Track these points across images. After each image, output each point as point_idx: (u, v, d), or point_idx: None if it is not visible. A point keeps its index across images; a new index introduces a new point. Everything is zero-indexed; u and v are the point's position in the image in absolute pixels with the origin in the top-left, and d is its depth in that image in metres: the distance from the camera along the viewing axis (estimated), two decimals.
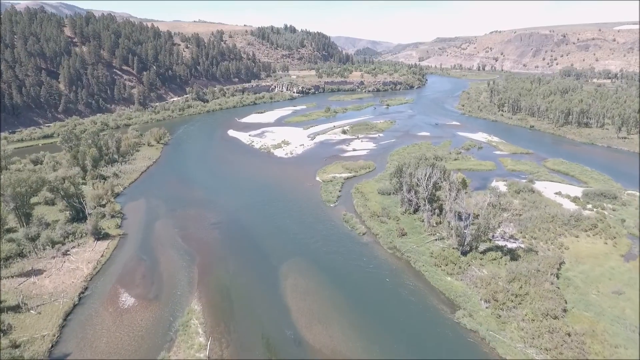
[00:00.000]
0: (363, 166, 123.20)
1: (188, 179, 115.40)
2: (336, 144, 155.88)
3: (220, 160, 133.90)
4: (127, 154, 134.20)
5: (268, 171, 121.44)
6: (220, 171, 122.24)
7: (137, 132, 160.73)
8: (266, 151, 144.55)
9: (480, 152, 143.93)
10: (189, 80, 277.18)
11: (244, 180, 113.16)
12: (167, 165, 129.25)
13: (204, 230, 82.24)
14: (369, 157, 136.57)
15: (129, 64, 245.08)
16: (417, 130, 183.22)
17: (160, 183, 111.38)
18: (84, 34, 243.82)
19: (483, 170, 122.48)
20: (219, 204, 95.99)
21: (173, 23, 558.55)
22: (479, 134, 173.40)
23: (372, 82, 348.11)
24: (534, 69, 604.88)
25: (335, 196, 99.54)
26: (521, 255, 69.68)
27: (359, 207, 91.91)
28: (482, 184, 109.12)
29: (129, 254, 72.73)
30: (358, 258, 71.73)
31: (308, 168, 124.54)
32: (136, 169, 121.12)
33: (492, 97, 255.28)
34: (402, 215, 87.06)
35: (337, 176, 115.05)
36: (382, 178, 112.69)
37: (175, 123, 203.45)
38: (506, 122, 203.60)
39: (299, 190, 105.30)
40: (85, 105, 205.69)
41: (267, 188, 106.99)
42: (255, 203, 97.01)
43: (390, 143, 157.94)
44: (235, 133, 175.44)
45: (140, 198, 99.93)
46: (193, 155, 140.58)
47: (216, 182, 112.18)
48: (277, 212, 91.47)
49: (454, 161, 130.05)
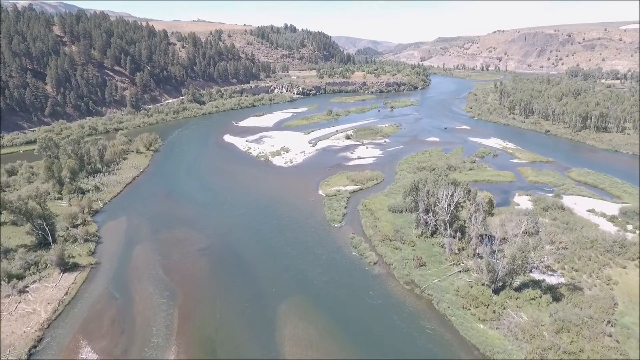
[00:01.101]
0: (370, 177, 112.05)
1: (177, 192, 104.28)
2: (340, 151, 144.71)
3: (214, 170, 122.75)
4: (113, 162, 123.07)
5: (266, 183, 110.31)
6: (213, 183, 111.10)
7: (125, 138, 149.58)
8: (264, 159, 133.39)
9: (496, 161, 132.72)
10: (184, 81, 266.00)
11: (239, 194, 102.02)
12: (155, 175, 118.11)
13: (190, 257, 71.11)
14: (375, 166, 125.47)
15: (121, 65, 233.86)
16: (426, 135, 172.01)
17: (145, 197, 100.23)
18: (74, 32, 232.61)
19: (502, 181, 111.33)
20: (209, 224, 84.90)
21: (172, 23, 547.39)
22: (492, 140, 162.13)
23: (375, 83, 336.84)
24: (539, 69, 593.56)
25: (341, 214, 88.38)
26: (564, 293, 58.49)
27: (368, 229, 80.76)
28: (504, 199, 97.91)
29: (99, 291, 61.60)
30: (369, 295, 60.61)
31: (310, 179, 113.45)
32: (121, 180, 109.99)
33: (501, 99, 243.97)
34: (417, 239, 75.93)
35: (342, 189, 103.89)
36: (392, 192, 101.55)
37: (169, 127, 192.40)
38: (519, 126, 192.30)
39: (300, 207, 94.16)
40: (73, 108, 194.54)
41: (264, 203, 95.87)
42: (250, 222, 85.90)
43: (397, 150, 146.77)
44: (231, 138, 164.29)
45: (121, 216, 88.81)
46: (184, 163, 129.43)
47: (208, 196, 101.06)
48: (274, 234, 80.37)
49: (469, 171, 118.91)
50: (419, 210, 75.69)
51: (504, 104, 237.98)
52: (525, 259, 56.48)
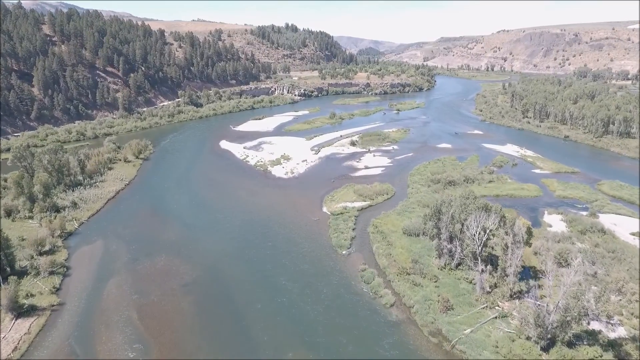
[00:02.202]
0: (379, 191, 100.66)
1: (163, 209, 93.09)
2: (345, 159, 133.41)
3: (207, 182, 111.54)
4: (97, 173, 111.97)
5: (263, 198, 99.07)
6: (204, 198, 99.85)
7: (113, 145, 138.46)
8: (263, 169, 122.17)
9: (516, 171, 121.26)
10: (181, 83, 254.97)
11: (233, 212, 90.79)
12: (141, 188, 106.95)
13: (170, 296, 59.91)
14: (384, 178, 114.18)
15: (114, 65, 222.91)
16: (436, 140, 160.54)
17: (128, 215, 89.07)
18: (65, 32, 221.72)
19: (526, 196, 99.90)
20: (197, 250, 73.72)
21: (171, 22, 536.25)
22: (508, 146, 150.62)
23: (379, 84, 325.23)
24: (545, 69, 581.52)
25: (349, 238, 77.07)
26: (631, 353, 47.14)
27: (381, 257, 69.44)
28: (532, 219, 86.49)
29: (57, 344, 50.50)
30: (386, 348, 49.39)
31: (312, 193, 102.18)
32: (102, 194, 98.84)
33: (513, 102, 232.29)
34: (440, 272, 64.65)
35: (349, 206, 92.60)
36: (406, 209, 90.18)
37: (163, 131, 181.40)
38: (534, 130, 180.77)
39: (302, 227, 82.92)
40: (62, 112, 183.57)
41: (261, 224, 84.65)
42: (244, 248, 74.70)
43: (407, 158, 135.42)
44: (228, 144, 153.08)
45: (97, 239, 77.70)
46: (175, 174, 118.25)
47: (198, 214, 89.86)
48: (272, 264, 69.16)
49: (489, 184, 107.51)
50: (441, 238, 64.38)
51: (516, 106, 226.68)
52: (584, 310, 45.18)
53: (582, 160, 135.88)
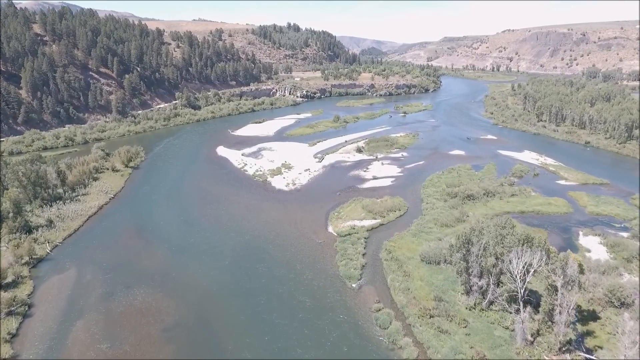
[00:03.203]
0: (391, 207, 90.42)
1: (150, 228, 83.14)
2: (351, 168, 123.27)
3: (200, 195, 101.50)
4: (80, 185, 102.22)
5: (262, 215, 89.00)
6: (196, 214, 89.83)
7: (102, 152, 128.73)
8: (262, 180, 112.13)
9: (539, 182, 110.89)
10: (179, 84, 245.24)
11: (226, 232, 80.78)
12: (128, 202, 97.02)
13: (148, 345, 49.93)
14: (395, 190, 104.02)
15: (108, 66, 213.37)
16: (448, 147, 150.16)
17: (108, 236, 79.18)
18: (56, 31, 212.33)
19: (555, 213, 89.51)
20: (182, 281, 63.73)
21: (171, 22, 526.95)
22: (525, 153, 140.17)
23: (384, 85, 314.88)
24: (552, 69, 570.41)
25: (359, 266, 66.92)
26: None
27: (397, 293, 59.24)
28: (566, 241, 76.31)
29: None
30: None
31: (316, 208, 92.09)
32: (83, 210, 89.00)
33: (525, 104, 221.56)
34: (469, 312, 54.50)
35: (358, 224, 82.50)
36: (422, 229, 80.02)
37: (158, 135, 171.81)
38: (551, 135, 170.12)
39: (304, 252, 72.85)
40: (51, 115, 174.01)
41: (258, 247, 74.62)
42: (238, 279, 64.70)
43: (418, 167, 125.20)
44: (225, 151, 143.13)
45: (70, 266, 67.83)
46: (166, 186, 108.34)
47: (187, 235, 79.85)
48: (269, 299, 59.11)
49: (512, 198, 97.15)
50: (471, 274, 54.20)
51: (529, 108, 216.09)
52: None
53: (608, 169, 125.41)
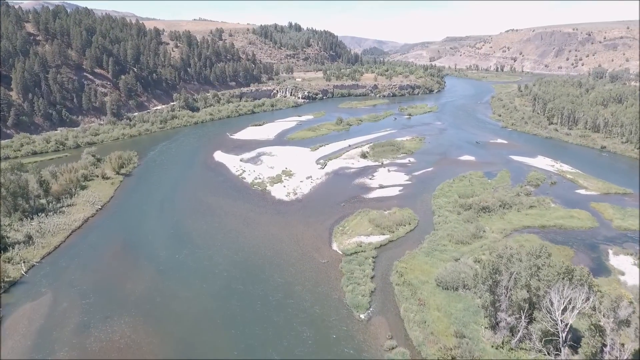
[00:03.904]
0: (400, 220, 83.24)
1: (137, 244, 76.15)
2: (355, 176, 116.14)
3: (194, 206, 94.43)
4: (66, 195, 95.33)
5: (260, 229, 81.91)
6: (188, 229, 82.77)
7: (92, 158, 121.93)
8: (261, 189, 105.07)
9: (557, 191, 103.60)
10: (177, 85, 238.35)
11: (220, 249, 73.72)
12: (116, 214, 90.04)
13: None
14: (404, 200, 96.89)
15: (103, 67, 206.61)
16: (456, 151, 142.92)
17: (91, 254, 72.22)
18: (50, 30, 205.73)
19: (579, 227, 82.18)
20: (169, 310, 56.72)
21: (172, 22, 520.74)
22: (539, 159, 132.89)
23: (387, 86, 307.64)
24: (557, 69, 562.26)
25: (367, 292, 59.74)
26: None
27: (412, 327, 52.05)
28: (595, 261, 69.17)
29: None
30: None
31: (319, 222, 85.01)
32: (67, 224, 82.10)
33: (535, 106, 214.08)
34: (496, 351, 47.36)
35: (364, 241, 75.41)
36: (435, 247, 72.84)
37: (154, 139, 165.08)
38: (564, 139, 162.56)
39: (306, 273, 65.77)
40: (43, 118, 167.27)
41: (255, 267, 67.55)
42: (228, 303, 57.64)
43: (427, 174, 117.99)
44: (222, 156, 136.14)
45: (46, 291, 60.89)
46: (158, 195, 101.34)
47: (177, 253, 72.77)
48: (266, 334, 52.02)
49: (530, 210, 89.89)
50: (499, 308, 47.04)
51: (538, 110, 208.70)
52: None
53: (628, 176, 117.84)
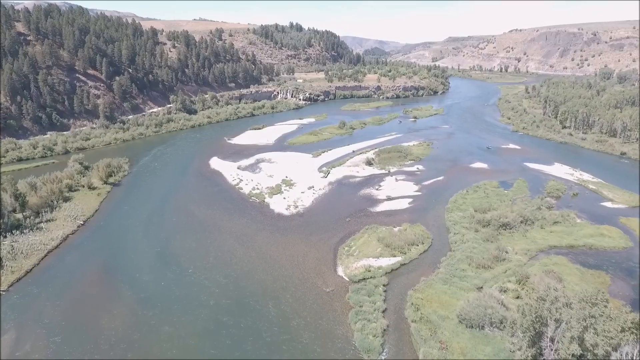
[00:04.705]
0: (412, 239, 75.05)
1: (119, 268, 67.97)
2: (361, 186, 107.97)
3: (184, 222, 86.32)
4: (46, 208, 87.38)
5: (256, 249, 73.74)
6: (176, 249, 74.61)
7: (79, 166, 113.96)
8: (259, 201, 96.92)
9: (581, 204, 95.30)
10: (174, 87, 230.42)
11: (211, 274, 65.53)
12: (99, 231, 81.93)
13: None
14: (414, 214, 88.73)
15: (96, 68, 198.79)
16: (467, 158, 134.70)
17: (66, 280, 64.13)
18: (41, 30, 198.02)
19: (612, 247, 73.96)
20: (146, 350, 48.59)
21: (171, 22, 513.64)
22: (556, 167, 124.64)
23: (391, 87, 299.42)
24: (562, 70, 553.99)
25: (379, 330, 51.57)
26: None
27: None
28: (634, 289, 60.85)
29: None
30: None
31: (322, 240, 76.86)
32: (43, 243, 74.10)
33: (546, 108, 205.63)
34: None
35: (373, 265, 67.26)
36: (453, 272, 64.60)
37: (149, 143, 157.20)
38: (579, 144, 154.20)
39: (307, 304, 57.59)
40: (32, 121, 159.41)
41: (246, 297, 59.37)
42: (215, 345, 49.44)
43: (437, 183, 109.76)
44: (219, 163, 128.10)
45: (9, 328, 52.76)
46: (147, 208, 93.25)
47: (162, 278, 64.58)
48: None
49: (554, 226, 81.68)
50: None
51: (549, 113, 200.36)
52: None
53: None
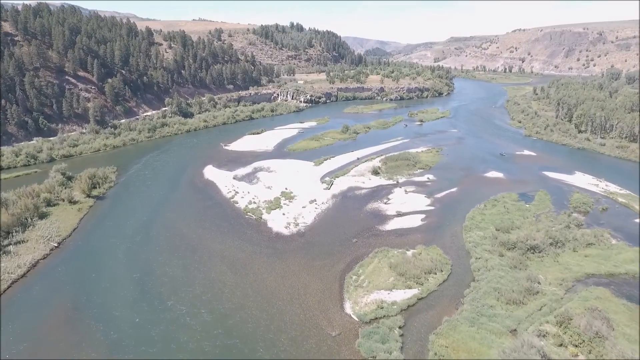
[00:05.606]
0: (429, 266, 65.70)
1: (91, 301, 58.67)
2: (367, 199, 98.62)
3: (171, 243, 77.05)
4: (18, 227, 78.30)
5: (250, 278, 64.40)
6: (159, 276, 65.32)
7: (61, 177, 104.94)
8: (255, 217, 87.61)
9: (612, 220, 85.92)
10: (170, 89, 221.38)
11: (196, 308, 56.20)
12: (74, 256, 72.66)
13: None
14: (428, 233, 79.44)
15: (87, 69, 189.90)
16: (481, 166, 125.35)
17: (30, 319, 54.96)
18: (29, 30, 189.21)
19: None
20: None
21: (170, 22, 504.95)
22: (578, 176, 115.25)
23: (394, 89, 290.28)
24: (568, 70, 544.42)
25: None
26: None
27: None
28: None
29: None
30: None
31: (327, 266, 67.56)
32: (7, 270, 64.78)
33: (558, 111, 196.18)
34: None
35: (386, 299, 57.96)
36: (481, 311, 55.19)
37: (141, 149, 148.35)
38: (598, 150, 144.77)
39: (309, 354, 48.31)
40: (17, 126, 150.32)
41: (236, 341, 50.09)
42: None
43: (451, 195, 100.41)
44: (213, 172, 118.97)
45: None
46: (131, 226, 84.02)
47: (140, 315, 55.32)
48: None
49: (588, 249, 72.32)
50: None
51: (562, 116, 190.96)
52: None
53: None
